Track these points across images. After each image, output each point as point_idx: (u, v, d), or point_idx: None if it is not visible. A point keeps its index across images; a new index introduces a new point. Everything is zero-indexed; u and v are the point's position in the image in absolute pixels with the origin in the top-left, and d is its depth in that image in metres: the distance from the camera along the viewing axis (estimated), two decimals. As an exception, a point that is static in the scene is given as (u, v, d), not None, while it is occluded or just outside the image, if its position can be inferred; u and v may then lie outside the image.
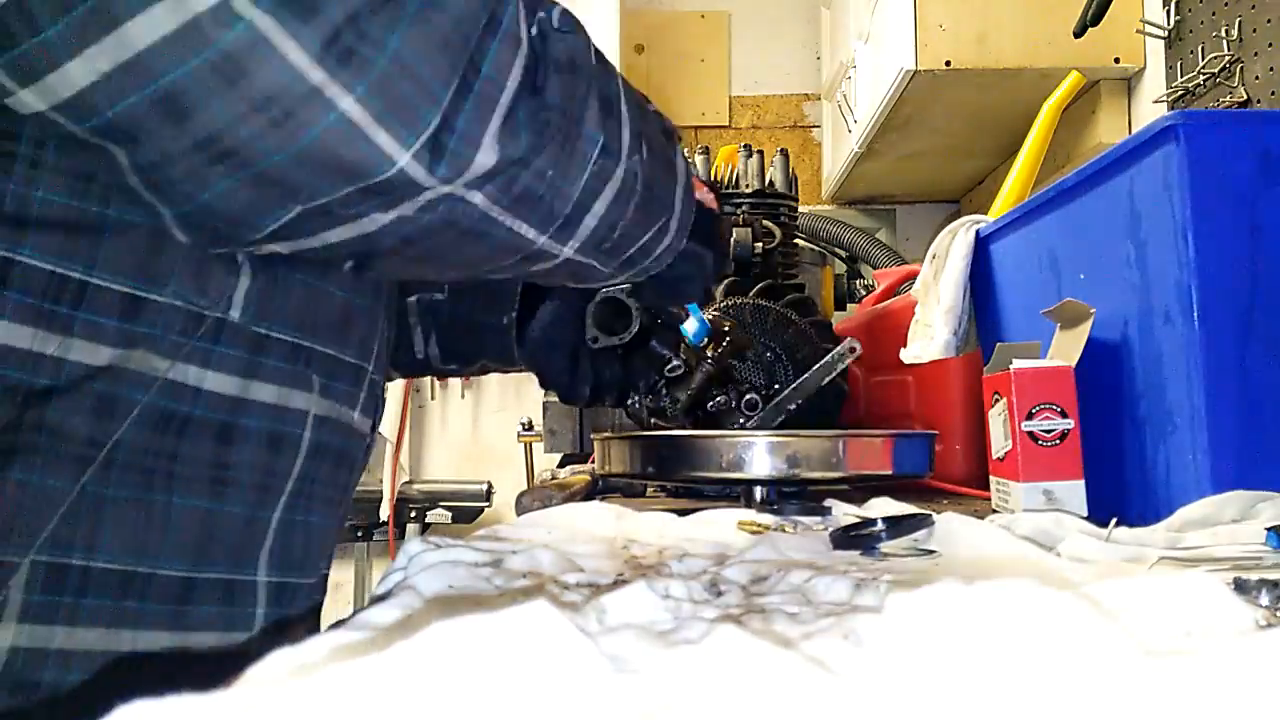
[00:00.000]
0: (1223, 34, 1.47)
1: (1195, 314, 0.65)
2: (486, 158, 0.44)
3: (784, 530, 0.63)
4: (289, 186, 0.41)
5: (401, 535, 2.63)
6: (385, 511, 2.56)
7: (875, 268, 2.37)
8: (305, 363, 0.54)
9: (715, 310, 1.08)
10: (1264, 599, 0.36)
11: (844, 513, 0.72)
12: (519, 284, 0.77)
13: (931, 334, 1.02)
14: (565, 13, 0.49)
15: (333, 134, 0.39)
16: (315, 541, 0.57)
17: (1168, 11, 1.64)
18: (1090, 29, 1.59)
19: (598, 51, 0.53)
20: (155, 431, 0.47)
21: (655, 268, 0.63)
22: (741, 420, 0.83)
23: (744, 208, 1.26)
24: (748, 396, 0.82)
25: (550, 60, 0.46)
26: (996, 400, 0.76)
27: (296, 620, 0.56)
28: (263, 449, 0.52)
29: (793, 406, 0.86)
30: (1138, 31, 1.71)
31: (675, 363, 0.79)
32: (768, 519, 0.67)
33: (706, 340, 0.79)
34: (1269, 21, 1.39)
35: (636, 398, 0.84)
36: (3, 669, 0.43)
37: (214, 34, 0.35)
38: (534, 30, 0.46)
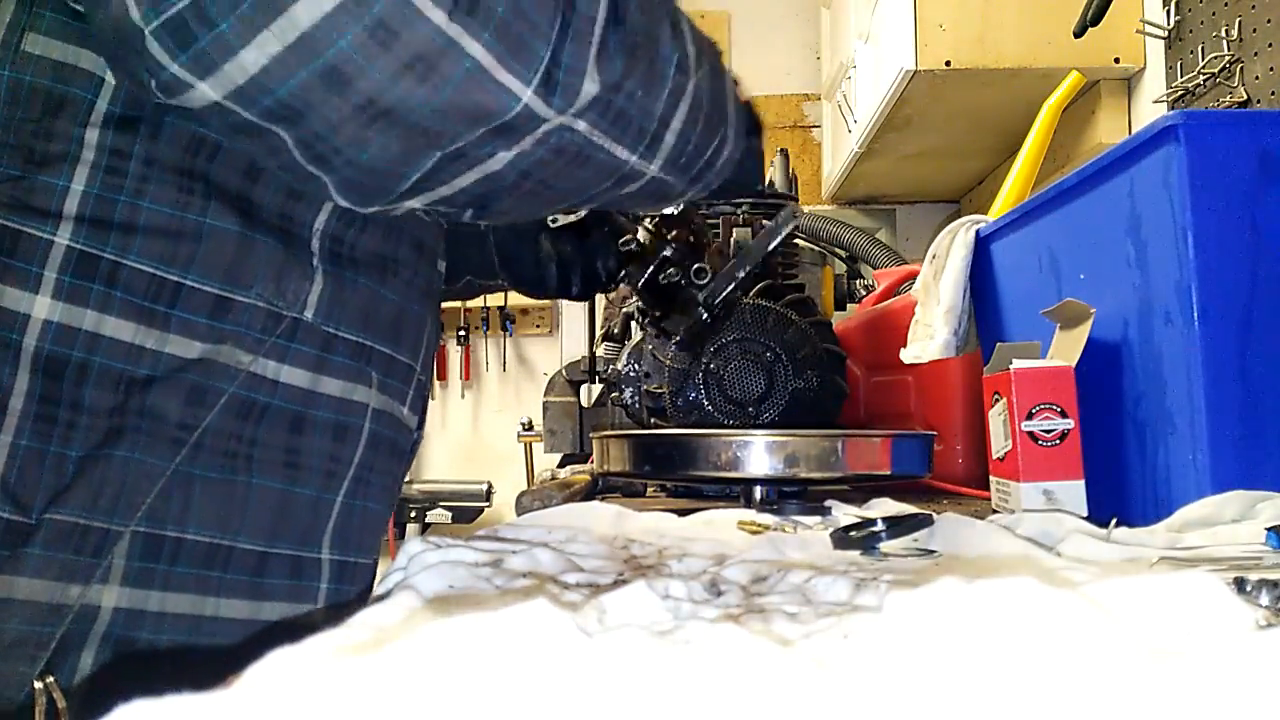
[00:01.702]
0: (1223, 34, 1.47)
1: (1195, 314, 0.65)
2: (591, 86, 0.47)
3: (784, 530, 0.63)
4: (434, 134, 0.46)
5: (401, 535, 2.63)
6: (385, 511, 2.55)
7: (875, 268, 2.37)
8: (366, 360, 0.60)
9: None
10: (1264, 599, 0.36)
11: (844, 513, 0.72)
12: None
13: (931, 334, 1.02)
14: None
15: (468, 80, 0.43)
16: (371, 525, 0.63)
17: (1168, 11, 1.64)
18: (1090, 29, 1.59)
19: None
20: (239, 419, 0.53)
21: (716, 180, 0.64)
22: (694, 292, 0.81)
23: (744, 208, 1.26)
24: (696, 266, 0.82)
25: None
26: (996, 400, 0.76)
27: (355, 601, 0.61)
28: (329, 438, 0.58)
29: (741, 274, 0.85)
30: (1138, 31, 1.71)
31: (630, 239, 0.81)
32: (768, 519, 0.67)
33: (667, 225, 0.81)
34: (1269, 21, 1.39)
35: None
36: (106, 628, 0.49)
37: (367, 3, 0.40)
38: None
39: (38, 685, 0.47)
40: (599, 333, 1.58)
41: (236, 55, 0.41)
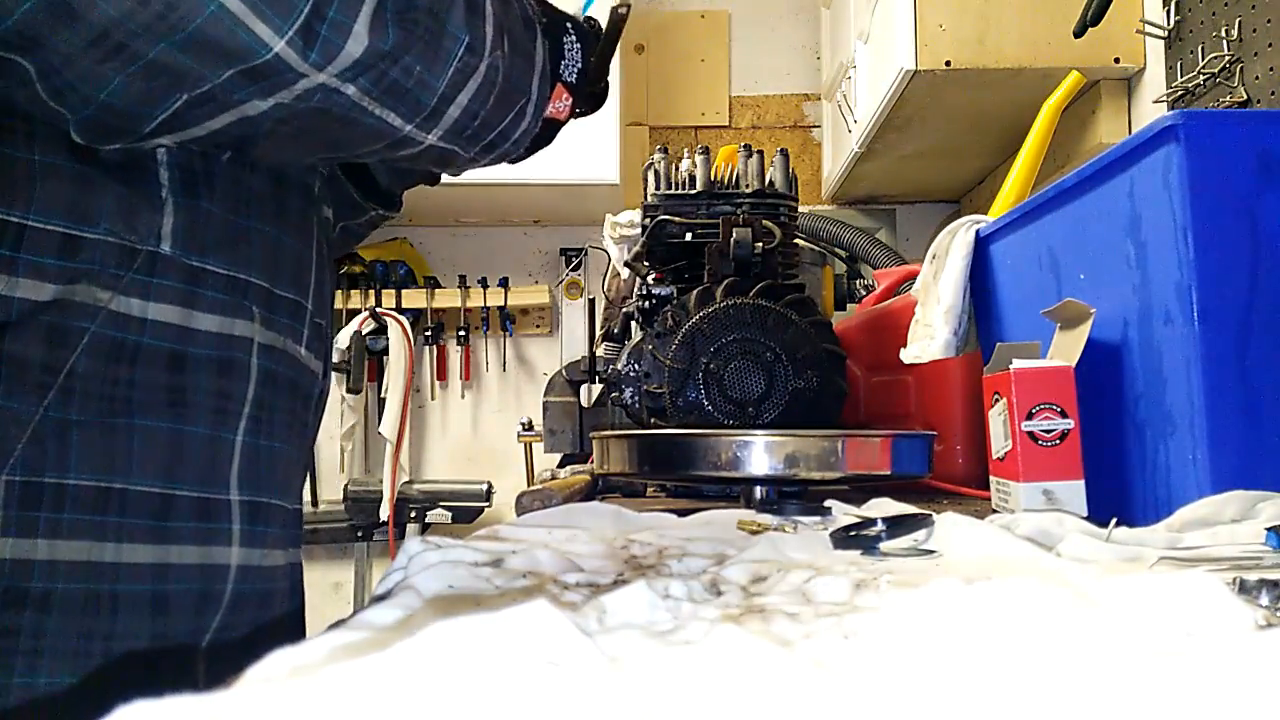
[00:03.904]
0: (1223, 34, 1.47)
1: (1195, 314, 0.65)
2: (355, 47, 0.47)
3: (784, 530, 0.63)
4: (176, 74, 0.45)
5: (401, 535, 2.63)
6: (385, 511, 2.56)
7: (875, 268, 2.37)
8: (243, 294, 0.58)
9: (714, 307, 1.08)
10: (1264, 599, 0.36)
11: (844, 513, 0.72)
12: None
13: (931, 334, 1.02)
14: None
15: (213, 23, 0.43)
16: (281, 466, 0.61)
17: (1168, 11, 1.64)
18: (1090, 29, 1.59)
19: None
20: (110, 361, 0.52)
21: (515, 150, 0.65)
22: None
23: (744, 208, 1.26)
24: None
25: None
26: (996, 400, 0.76)
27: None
28: (213, 374, 0.56)
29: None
30: (1138, 31, 1.71)
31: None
32: (768, 519, 0.67)
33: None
34: (1269, 21, 1.39)
35: None
36: None
37: None
38: None
39: None
40: (599, 333, 1.58)
41: None
